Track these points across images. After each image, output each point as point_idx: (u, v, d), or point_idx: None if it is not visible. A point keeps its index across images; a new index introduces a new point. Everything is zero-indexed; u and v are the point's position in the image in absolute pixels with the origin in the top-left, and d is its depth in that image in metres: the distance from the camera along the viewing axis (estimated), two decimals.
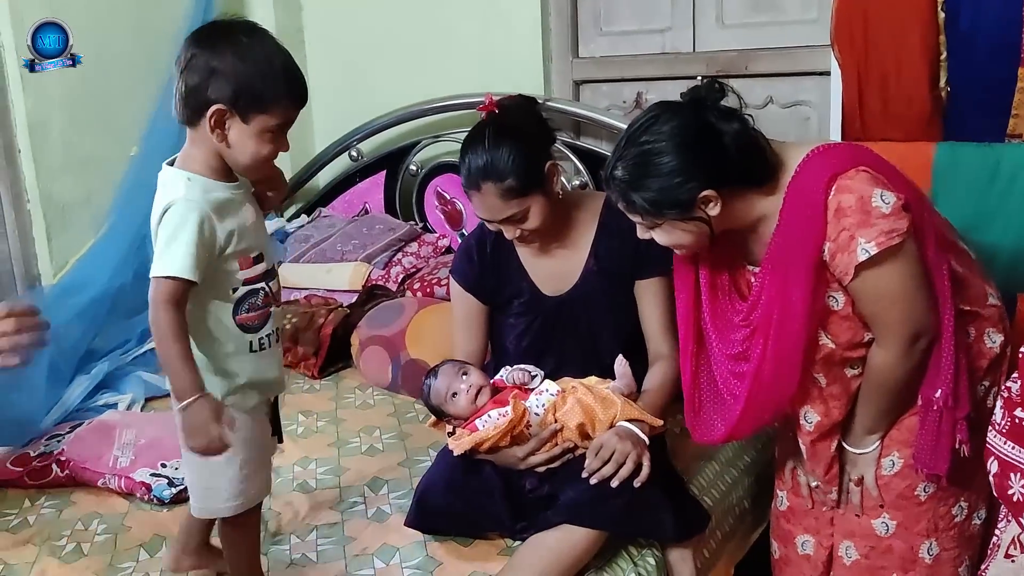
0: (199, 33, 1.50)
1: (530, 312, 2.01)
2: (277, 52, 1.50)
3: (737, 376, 1.65)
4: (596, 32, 3.11)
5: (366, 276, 3.06)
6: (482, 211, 1.87)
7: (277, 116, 1.48)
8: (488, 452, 1.80)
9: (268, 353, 1.61)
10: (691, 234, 1.55)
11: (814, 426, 1.66)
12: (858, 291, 1.50)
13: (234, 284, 1.54)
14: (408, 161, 3.35)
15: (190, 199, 1.46)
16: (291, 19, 3.61)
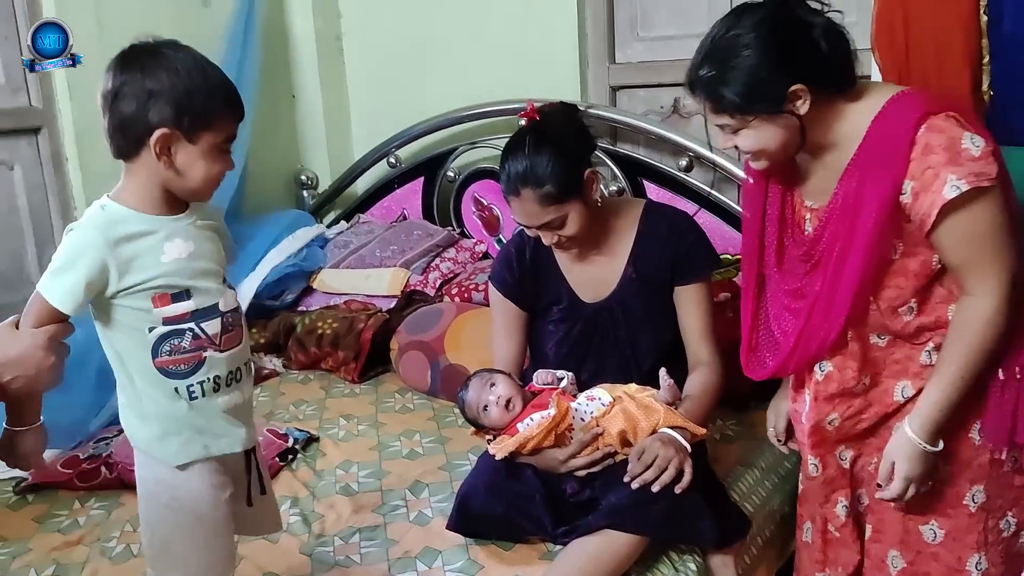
0: (122, 59, 1.40)
1: (569, 319, 2.02)
2: (209, 66, 1.43)
3: (792, 312, 1.64)
4: (633, 37, 3.11)
5: (405, 282, 3.09)
6: (520, 216, 1.88)
7: (222, 131, 1.42)
8: (530, 454, 1.82)
9: (205, 403, 1.46)
10: (780, 134, 1.49)
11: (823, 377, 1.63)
12: (945, 235, 1.43)
13: (149, 323, 1.41)
14: (446, 167, 3.38)
15: (88, 228, 1.38)
16: (330, 26, 3.65)
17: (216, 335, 1.46)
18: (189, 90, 1.38)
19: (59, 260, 1.38)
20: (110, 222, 1.40)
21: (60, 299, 1.36)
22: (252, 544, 1.89)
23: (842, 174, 1.52)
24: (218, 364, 1.47)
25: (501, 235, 3.29)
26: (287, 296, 3.19)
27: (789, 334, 1.63)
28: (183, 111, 1.37)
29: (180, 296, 1.43)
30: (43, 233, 3.01)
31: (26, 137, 2.96)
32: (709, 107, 1.51)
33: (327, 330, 2.88)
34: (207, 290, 1.46)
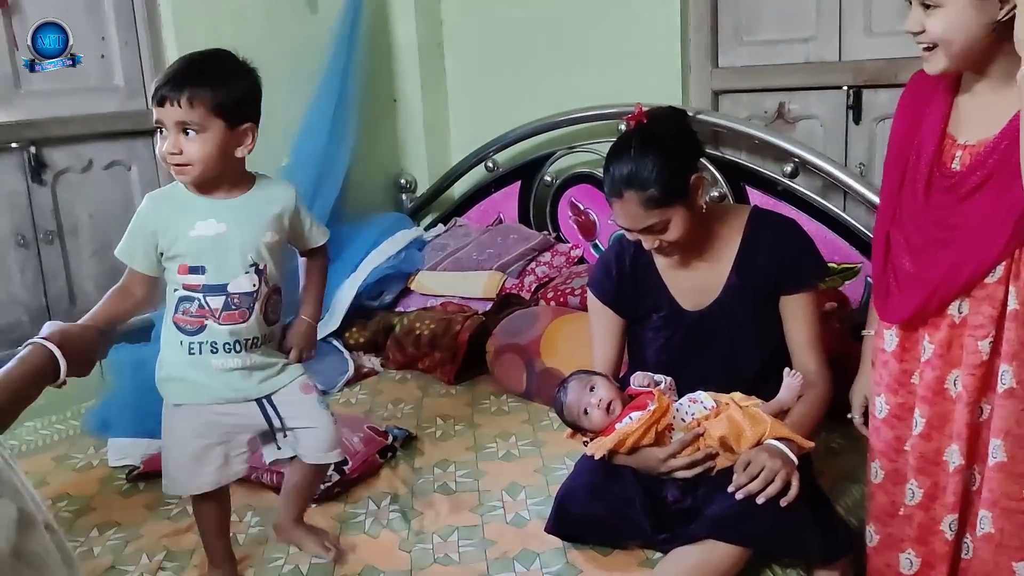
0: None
1: (669, 327, 1.99)
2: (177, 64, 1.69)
3: (940, 242, 1.58)
4: (737, 42, 3.07)
5: (500, 285, 3.11)
6: (622, 219, 1.87)
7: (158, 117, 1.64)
8: (629, 453, 1.80)
9: (200, 360, 1.71)
10: (974, 27, 1.45)
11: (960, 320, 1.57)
12: None
13: (175, 285, 1.70)
14: (543, 171, 3.38)
15: (151, 196, 1.73)
16: (431, 33, 3.70)
17: (216, 310, 1.70)
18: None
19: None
20: (164, 196, 1.73)
21: (120, 252, 1.71)
22: (354, 538, 1.93)
23: (1014, 116, 1.46)
24: (217, 333, 1.71)
25: (597, 240, 3.28)
26: (386, 297, 3.24)
27: (938, 263, 1.57)
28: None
29: (196, 269, 1.69)
30: None
31: (142, 139, 3.09)
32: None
33: (425, 331, 2.92)
34: (221, 269, 1.69)
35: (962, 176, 1.56)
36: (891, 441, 1.72)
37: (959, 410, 1.59)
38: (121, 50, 3.00)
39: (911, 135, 1.68)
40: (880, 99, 2.81)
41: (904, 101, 1.74)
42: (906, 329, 1.66)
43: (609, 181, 1.85)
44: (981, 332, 1.55)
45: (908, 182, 1.66)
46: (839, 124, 2.91)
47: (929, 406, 1.63)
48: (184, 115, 1.61)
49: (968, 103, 1.59)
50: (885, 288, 1.69)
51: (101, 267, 2.98)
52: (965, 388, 1.57)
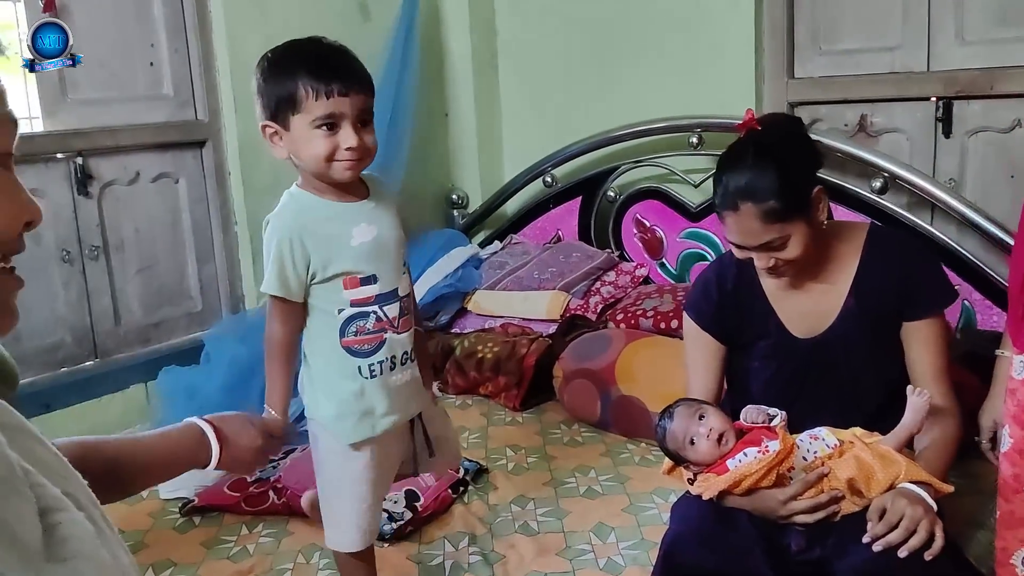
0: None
1: (778, 356, 1.82)
2: (301, 51, 1.49)
3: None
4: (815, 51, 2.91)
5: (564, 305, 2.95)
6: (737, 235, 1.70)
7: (311, 111, 1.43)
8: (744, 494, 1.63)
9: (381, 382, 1.55)
10: None
11: None
12: None
13: (339, 304, 1.52)
14: (606, 186, 3.23)
15: (280, 216, 1.51)
16: (486, 45, 3.57)
17: (395, 318, 1.56)
18: (270, 83, 1.46)
19: (266, 252, 1.50)
20: (300, 208, 1.52)
21: (272, 287, 1.49)
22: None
23: None
24: (396, 344, 1.56)
25: (664, 259, 3.13)
26: (442, 317, 3.10)
27: None
28: (269, 104, 1.47)
29: (368, 280, 1.53)
30: (204, 247, 3.00)
31: (191, 150, 2.97)
32: None
33: (488, 354, 2.76)
34: (389, 274, 1.55)
35: None
36: (1009, 479, 1.54)
37: None
38: (171, 58, 2.88)
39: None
40: (973, 111, 2.65)
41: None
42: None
43: (722, 192, 1.68)
44: None
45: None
46: (927, 137, 2.76)
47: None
48: (367, 102, 1.49)
49: None
50: (1021, 312, 1.52)
51: (147, 286, 2.85)
52: None
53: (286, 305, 1.52)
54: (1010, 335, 1.54)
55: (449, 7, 3.51)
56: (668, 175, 3.10)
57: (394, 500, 2.02)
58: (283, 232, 1.48)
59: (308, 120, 1.44)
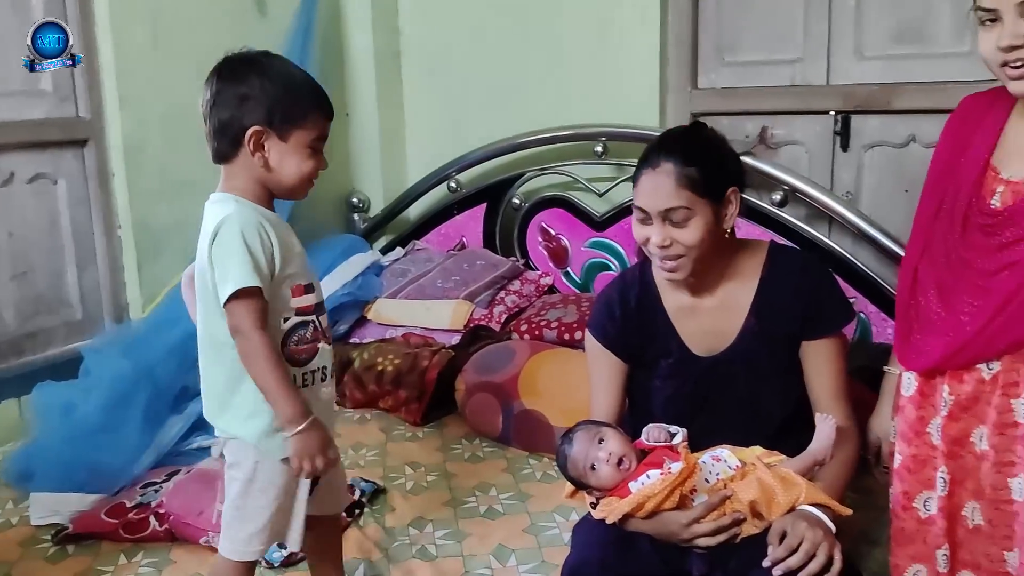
0: (219, 69, 1.52)
1: (679, 374, 1.80)
2: (296, 69, 1.57)
3: (981, 291, 1.40)
4: (719, 62, 2.92)
5: (468, 315, 2.89)
6: (646, 196, 1.65)
7: (312, 129, 1.50)
8: (647, 517, 1.59)
9: (312, 392, 1.54)
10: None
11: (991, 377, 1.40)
12: None
13: (285, 313, 1.51)
14: (511, 194, 3.19)
15: (241, 213, 1.47)
16: (389, 44, 3.48)
17: (327, 328, 1.59)
18: (278, 90, 1.48)
19: (224, 249, 1.43)
20: (254, 209, 1.49)
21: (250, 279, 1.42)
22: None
23: None
24: (325, 356, 1.57)
25: (569, 268, 3.10)
26: (340, 327, 2.99)
27: (972, 313, 1.40)
28: (273, 110, 1.47)
29: (309, 289, 1.54)
30: (85, 252, 2.84)
31: (72, 150, 2.80)
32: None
33: (388, 367, 2.67)
34: (318, 285, 1.58)
35: (1004, 218, 1.39)
36: (899, 496, 1.56)
37: (984, 469, 1.43)
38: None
39: (953, 162, 1.52)
40: (870, 125, 2.70)
41: (951, 124, 1.58)
42: (927, 376, 1.50)
43: (650, 149, 1.66)
44: (1015, 391, 1.39)
45: (944, 214, 1.50)
46: (826, 151, 2.79)
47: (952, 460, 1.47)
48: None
49: (1021, 133, 1.43)
50: (907, 328, 1.53)
51: (22, 293, 2.66)
52: (993, 448, 1.41)
53: (261, 303, 1.45)
54: (896, 352, 1.54)
55: (350, 4, 3.41)
56: (573, 183, 3.07)
57: None
58: (249, 223, 1.45)
59: (308, 138, 1.50)
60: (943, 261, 1.48)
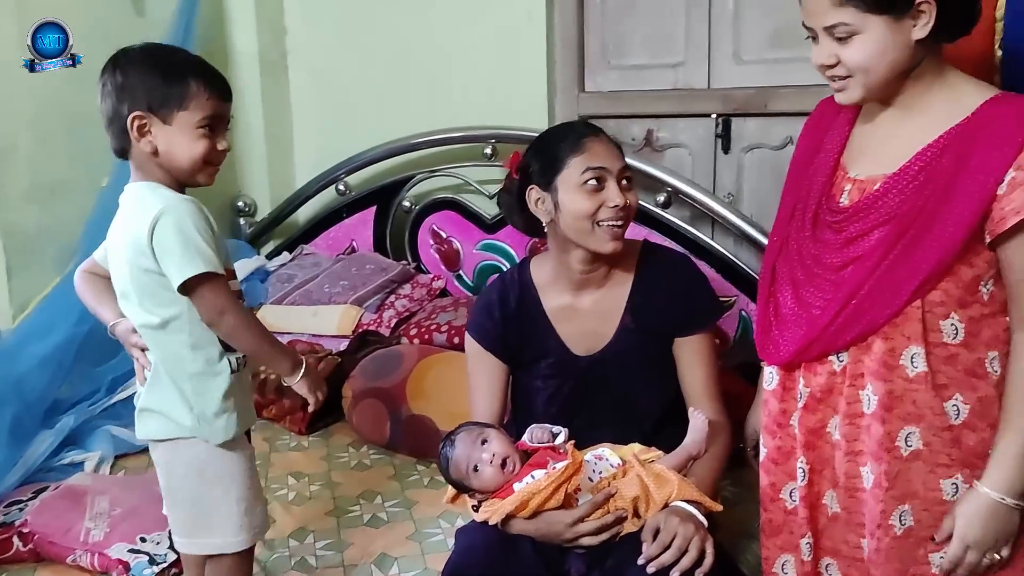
0: (106, 64, 1.51)
1: (559, 374, 1.81)
2: (181, 51, 1.58)
3: (832, 283, 1.45)
4: (604, 65, 2.95)
5: (357, 320, 2.85)
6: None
7: (198, 110, 1.47)
8: (531, 517, 1.59)
9: (242, 376, 1.58)
10: (892, 52, 1.33)
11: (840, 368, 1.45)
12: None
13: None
14: (401, 196, 3.15)
15: (180, 201, 1.47)
16: (275, 43, 3.40)
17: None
18: (156, 76, 1.46)
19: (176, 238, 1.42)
20: (183, 197, 1.50)
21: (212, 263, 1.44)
22: None
23: (927, 145, 1.36)
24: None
25: (461, 271, 3.08)
26: None
27: (823, 307, 1.44)
28: (152, 95, 1.46)
29: (232, 274, 1.56)
30: None
31: None
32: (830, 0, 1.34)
33: (272, 375, 2.60)
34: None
35: (849, 214, 1.44)
36: (767, 488, 1.60)
37: (838, 458, 1.48)
38: None
39: (808, 163, 1.57)
40: (749, 128, 2.77)
41: (807, 126, 1.64)
42: (787, 369, 1.54)
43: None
44: (861, 382, 1.44)
45: (798, 213, 1.55)
46: (708, 153, 2.85)
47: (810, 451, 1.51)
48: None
49: (866, 133, 1.49)
50: (767, 324, 1.56)
51: None
52: (844, 437, 1.46)
53: (221, 281, 1.47)
54: (757, 347, 1.57)
55: (233, 4, 3.31)
56: (463, 185, 3.06)
57: (156, 540, 1.85)
58: (192, 211, 1.47)
59: (194, 119, 1.47)
60: (797, 258, 1.52)
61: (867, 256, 1.40)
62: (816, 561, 1.53)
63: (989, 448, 1.39)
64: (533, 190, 1.75)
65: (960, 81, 1.41)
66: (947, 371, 1.38)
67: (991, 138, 1.32)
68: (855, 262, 1.42)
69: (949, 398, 1.39)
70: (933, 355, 1.38)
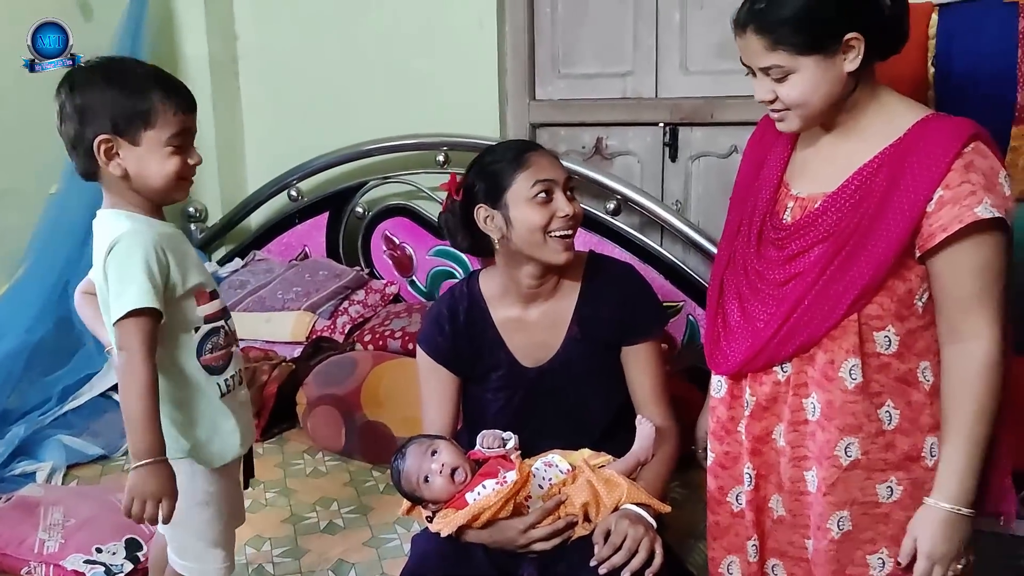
0: (62, 83, 1.48)
1: (509, 386, 1.85)
2: (142, 65, 1.53)
3: (775, 299, 1.51)
4: (554, 74, 3.00)
5: (310, 327, 2.86)
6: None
7: (165, 127, 1.45)
8: (484, 527, 1.63)
9: (233, 396, 1.58)
10: (826, 86, 1.40)
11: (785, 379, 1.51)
12: (956, 261, 1.37)
13: (195, 322, 1.51)
14: (354, 202, 3.17)
15: (136, 231, 1.44)
16: (225, 49, 3.39)
17: (234, 332, 1.61)
18: (119, 94, 1.43)
19: (122, 270, 1.40)
20: (147, 224, 1.47)
21: (139, 299, 1.38)
22: None
23: (863, 165, 1.43)
24: (238, 360, 1.61)
25: (414, 276, 3.11)
26: None
27: (767, 320, 1.51)
28: (116, 115, 1.42)
29: (213, 295, 1.56)
30: None
31: None
32: (762, 44, 1.40)
33: None
34: (219, 290, 1.60)
35: (791, 231, 1.51)
36: (714, 492, 1.66)
37: (783, 464, 1.55)
38: None
39: (753, 177, 1.64)
40: (696, 137, 2.83)
41: (751, 142, 1.70)
42: (734, 378, 1.60)
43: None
44: (804, 391, 1.51)
45: (744, 228, 1.61)
46: (656, 161, 2.91)
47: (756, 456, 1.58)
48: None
49: (808, 152, 1.56)
50: (715, 335, 1.63)
51: None
52: (789, 444, 1.53)
53: (152, 324, 1.41)
54: (707, 357, 1.63)
55: (183, 9, 3.30)
56: (416, 192, 3.09)
57: (112, 551, 1.86)
58: (146, 244, 1.43)
59: (162, 137, 1.44)
60: (743, 273, 1.58)
61: (807, 272, 1.47)
62: (762, 562, 1.60)
63: (920, 451, 1.47)
64: (481, 209, 1.77)
65: (894, 102, 1.48)
66: (880, 379, 1.46)
67: (921, 158, 1.38)
68: (796, 278, 1.48)
69: (882, 405, 1.46)
70: (868, 365, 1.45)
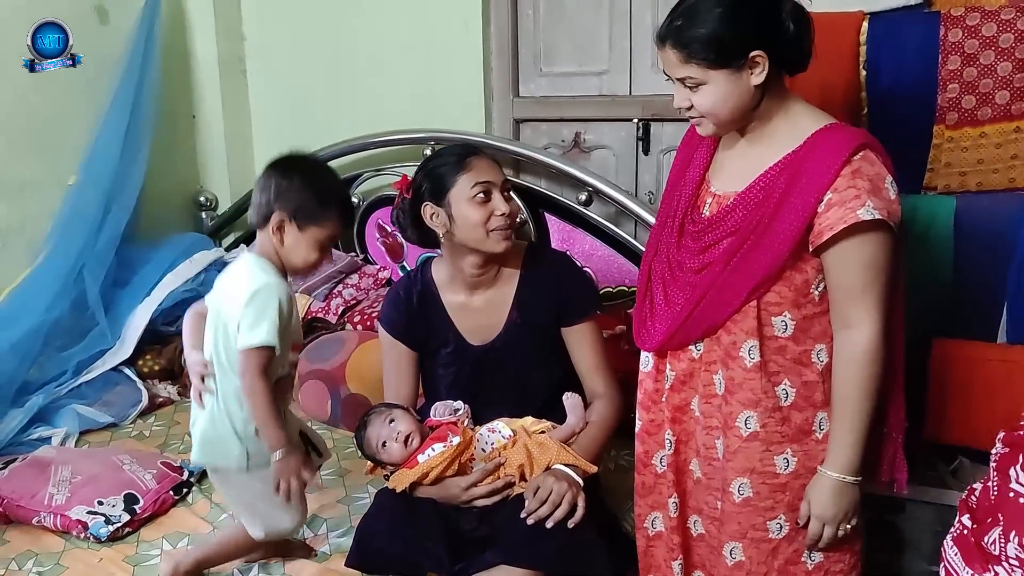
0: (279, 162, 1.85)
1: (458, 361, 2.06)
2: (335, 182, 1.92)
3: (691, 285, 1.68)
4: (536, 72, 3.18)
5: (306, 308, 3.08)
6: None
7: (327, 229, 1.81)
8: (432, 484, 1.85)
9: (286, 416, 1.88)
10: (735, 97, 1.56)
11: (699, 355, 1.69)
12: (842, 256, 1.54)
13: (283, 366, 1.83)
14: (350, 193, 3.37)
15: (279, 284, 1.78)
16: (233, 49, 3.61)
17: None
18: (310, 194, 1.80)
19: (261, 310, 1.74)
20: (281, 280, 1.81)
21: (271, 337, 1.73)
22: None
23: (768, 168, 1.60)
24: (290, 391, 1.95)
25: (405, 262, 3.31)
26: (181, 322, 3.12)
27: (683, 304, 1.68)
28: (299, 207, 1.79)
29: (300, 346, 2.01)
30: None
31: None
32: (678, 58, 1.56)
33: None
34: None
35: (706, 225, 1.68)
36: (641, 455, 1.83)
37: (698, 432, 1.73)
38: None
39: (681, 175, 1.80)
40: (666, 132, 3.00)
41: (683, 143, 1.86)
42: (658, 355, 1.78)
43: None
44: (714, 368, 1.68)
45: (669, 221, 1.78)
46: (630, 154, 3.08)
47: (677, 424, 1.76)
48: None
49: (727, 153, 1.72)
50: (642, 316, 1.80)
51: None
52: (703, 414, 1.71)
53: (271, 357, 1.75)
54: (635, 335, 1.81)
55: (194, 11, 3.51)
56: None
57: (112, 504, 2.09)
58: (282, 296, 1.77)
59: (320, 236, 1.81)
60: (666, 261, 1.76)
61: (716, 262, 1.65)
62: (684, 518, 1.78)
63: (812, 425, 1.65)
64: (427, 206, 1.97)
65: (800, 111, 1.64)
66: (777, 360, 1.64)
67: (815, 164, 1.55)
68: (708, 267, 1.66)
69: (779, 383, 1.64)
70: (766, 346, 1.63)
